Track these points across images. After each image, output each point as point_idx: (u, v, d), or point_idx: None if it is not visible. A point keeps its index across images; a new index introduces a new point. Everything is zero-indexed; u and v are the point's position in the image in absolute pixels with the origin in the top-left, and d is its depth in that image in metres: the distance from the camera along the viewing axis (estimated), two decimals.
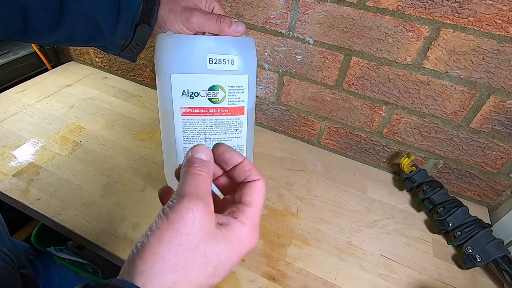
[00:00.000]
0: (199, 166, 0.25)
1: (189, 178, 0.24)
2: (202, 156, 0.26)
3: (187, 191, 0.23)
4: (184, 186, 0.23)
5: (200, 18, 0.40)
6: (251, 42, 0.44)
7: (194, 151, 0.26)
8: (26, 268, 0.56)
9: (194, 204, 0.22)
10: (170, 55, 0.41)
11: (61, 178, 0.66)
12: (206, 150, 0.26)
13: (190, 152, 0.26)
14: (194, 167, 0.25)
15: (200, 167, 0.25)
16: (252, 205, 0.26)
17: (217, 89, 0.43)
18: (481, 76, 0.58)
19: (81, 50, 1.04)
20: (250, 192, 0.26)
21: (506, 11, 0.51)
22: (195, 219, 0.21)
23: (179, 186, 0.23)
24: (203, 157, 0.26)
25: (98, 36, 0.41)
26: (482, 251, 0.57)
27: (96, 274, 0.79)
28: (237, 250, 0.24)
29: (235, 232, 0.24)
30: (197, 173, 0.24)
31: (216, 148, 0.28)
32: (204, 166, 0.25)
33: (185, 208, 0.21)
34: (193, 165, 0.25)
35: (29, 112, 0.83)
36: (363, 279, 0.57)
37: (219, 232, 0.23)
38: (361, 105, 0.73)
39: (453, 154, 0.70)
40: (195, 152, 0.26)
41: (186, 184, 0.23)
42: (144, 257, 0.20)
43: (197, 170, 0.24)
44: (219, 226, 0.23)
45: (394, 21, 0.59)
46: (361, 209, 0.69)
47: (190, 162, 0.25)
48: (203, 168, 0.25)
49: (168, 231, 0.21)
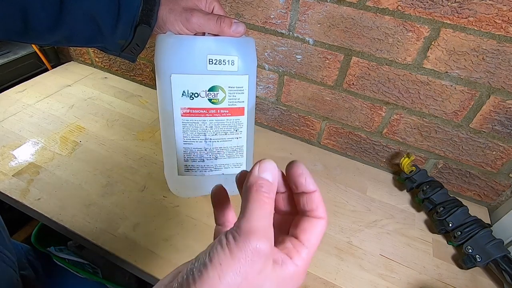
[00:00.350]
0: (266, 191, 0.23)
1: (256, 206, 0.22)
2: (269, 177, 0.24)
3: (255, 226, 0.21)
4: (252, 217, 0.21)
5: (200, 19, 0.40)
6: (251, 43, 0.44)
7: (261, 168, 0.24)
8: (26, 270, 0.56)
9: (262, 244, 0.20)
10: (170, 56, 0.41)
11: (61, 178, 0.66)
12: (274, 168, 0.24)
13: (257, 169, 0.24)
14: (261, 192, 0.23)
15: (268, 193, 0.23)
16: (309, 246, 0.24)
17: (217, 89, 0.43)
18: (481, 76, 0.58)
19: (81, 50, 1.04)
20: (311, 231, 0.25)
21: (506, 11, 0.51)
22: (259, 261, 0.20)
23: (246, 214, 0.22)
24: (270, 178, 0.24)
25: (98, 36, 0.41)
26: (482, 251, 0.57)
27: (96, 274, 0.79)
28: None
29: (288, 274, 0.23)
30: (265, 200, 0.22)
31: (293, 167, 0.27)
32: (271, 191, 0.23)
33: (252, 249, 0.20)
34: (261, 190, 0.23)
35: (29, 112, 0.83)
36: (363, 279, 0.57)
37: (274, 273, 0.22)
38: (361, 105, 0.73)
39: (453, 154, 0.70)
40: (263, 170, 0.24)
41: (254, 216, 0.22)
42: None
43: (265, 196, 0.22)
44: (274, 264, 0.22)
45: (394, 21, 0.59)
46: (361, 209, 0.69)
47: (258, 184, 0.23)
48: (270, 194, 0.23)
49: (229, 269, 0.20)
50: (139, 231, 0.59)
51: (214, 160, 0.48)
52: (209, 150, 0.47)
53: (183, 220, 0.62)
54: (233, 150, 0.48)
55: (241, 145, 0.48)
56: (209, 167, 0.48)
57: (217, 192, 0.30)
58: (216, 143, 0.46)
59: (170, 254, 0.56)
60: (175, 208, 0.64)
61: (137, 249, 0.56)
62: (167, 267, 0.54)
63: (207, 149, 0.47)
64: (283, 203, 0.29)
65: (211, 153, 0.47)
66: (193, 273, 0.20)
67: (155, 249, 0.56)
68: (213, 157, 0.47)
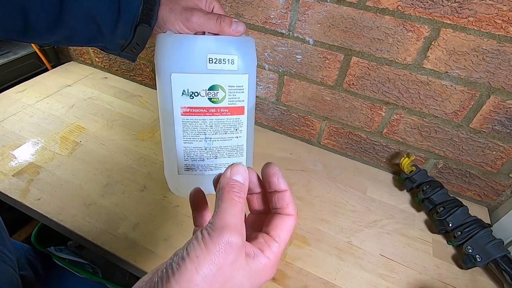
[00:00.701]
0: (238, 192, 0.25)
1: (228, 205, 0.24)
2: (240, 178, 0.26)
3: (228, 222, 0.23)
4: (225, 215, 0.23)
5: (200, 18, 0.40)
6: (251, 42, 0.44)
7: (233, 171, 0.26)
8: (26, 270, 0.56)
9: (234, 238, 0.22)
10: (170, 55, 0.41)
11: (61, 178, 0.66)
12: (244, 171, 0.26)
13: (229, 172, 0.26)
14: (233, 192, 0.25)
15: (239, 193, 0.25)
16: (280, 241, 0.26)
17: (217, 89, 0.43)
18: (481, 76, 0.58)
19: (81, 50, 1.04)
20: (281, 227, 0.27)
21: (506, 11, 0.51)
22: (231, 253, 0.22)
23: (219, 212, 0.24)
24: (241, 180, 0.26)
25: (98, 36, 0.41)
26: (482, 251, 0.57)
27: (96, 274, 0.79)
28: (257, 282, 0.25)
29: (260, 266, 0.25)
30: (236, 200, 0.24)
31: (268, 168, 0.29)
32: (242, 192, 0.25)
33: (224, 242, 0.22)
34: (233, 190, 0.25)
35: (29, 112, 0.83)
36: (363, 279, 0.57)
37: (246, 265, 0.24)
38: (361, 105, 0.73)
39: (453, 154, 0.70)
40: (235, 173, 0.26)
41: (227, 213, 0.24)
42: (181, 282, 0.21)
43: (236, 196, 0.25)
44: (246, 257, 0.24)
45: (394, 21, 0.59)
46: (361, 209, 0.69)
47: (230, 185, 0.25)
48: (241, 194, 0.25)
49: (206, 262, 0.21)
50: (139, 231, 0.59)
51: (214, 160, 0.48)
52: (209, 149, 0.47)
53: (183, 220, 0.62)
54: (233, 149, 0.48)
55: (241, 144, 0.48)
56: (209, 166, 0.48)
57: (195, 194, 0.32)
58: (216, 142, 0.46)
59: (170, 254, 0.55)
60: (175, 208, 0.64)
61: (137, 249, 0.56)
62: None
63: (207, 149, 0.47)
64: (257, 202, 0.31)
65: (211, 152, 0.47)
66: (172, 267, 0.22)
67: (155, 249, 0.56)
68: (213, 157, 0.47)
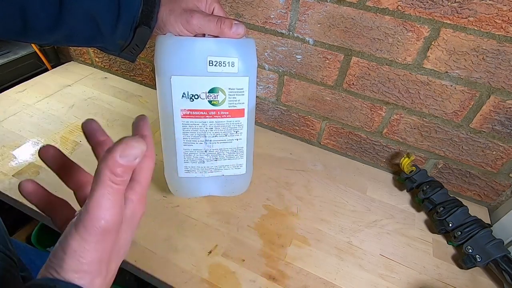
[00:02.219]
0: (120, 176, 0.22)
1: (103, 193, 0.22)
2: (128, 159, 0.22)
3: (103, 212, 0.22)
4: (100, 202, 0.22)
5: (200, 20, 0.40)
6: (252, 44, 0.44)
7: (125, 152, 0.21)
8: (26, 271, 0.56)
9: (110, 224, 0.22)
10: (170, 57, 0.41)
11: None
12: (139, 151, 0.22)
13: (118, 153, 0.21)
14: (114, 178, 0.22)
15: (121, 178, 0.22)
16: (140, 179, 0.27)
17: (217, 91, 0.43)
18: (481, 76, 0.58)
19: (81, 50, 1.04)
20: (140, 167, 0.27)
21: (506, 11, 0.51)
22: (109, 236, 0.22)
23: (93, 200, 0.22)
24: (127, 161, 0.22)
25: (98, 36, 0.41)
26: (482, 251, 0.57)
27: None
28: (133, 225, 0.26)
29: (129, 212, 0.25)
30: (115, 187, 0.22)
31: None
32: (126, 175, 0.22)
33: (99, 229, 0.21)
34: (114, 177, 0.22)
35: (29, 112, 0.83)
36: (363, 279, 0.57)
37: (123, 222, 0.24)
38: (361, 105, 0.73)
39: (453, 154, 0.70)
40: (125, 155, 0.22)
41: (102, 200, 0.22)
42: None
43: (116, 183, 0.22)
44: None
45: (394, 21, 0.59)
46: (361, 209, 0.69)
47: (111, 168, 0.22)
48: (124, 178, 0.22)
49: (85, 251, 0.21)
50: (139, 231, 0.59)
51: (214, 162, 0.48)
52: (209, 151, 0.47)
53: (183, 220, 0.62)
54: (233, 151, 0.48)
55: (241, 146, 0.48)
56: (209, 168, 0.48)
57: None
58: (216, 144, 0.46)
59: (170, 254, 0.56)
60: (175, 208, 0.64)
61: (137, 249, 0.56)
62: (167, 267, 0.54)
63: (207, 151, 0.47)
64: None
65: (211, 154, 0.47)
66: (53, 268, 0.21)
67: (155, 249, 0.56)
68: (213, 159, 0.47)
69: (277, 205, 0.68)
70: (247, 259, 0.57)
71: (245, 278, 0.54)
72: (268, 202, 0.68)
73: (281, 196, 0.70)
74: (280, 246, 0.60)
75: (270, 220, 0.64)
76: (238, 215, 0.64)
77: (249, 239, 0.60)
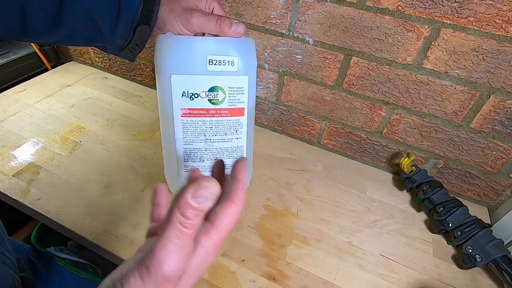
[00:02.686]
0: (190, 220, 0.21)
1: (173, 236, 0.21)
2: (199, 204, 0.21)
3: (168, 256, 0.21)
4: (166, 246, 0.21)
5: (200, 19, 0.40)
6: (251, 43, 0.44)
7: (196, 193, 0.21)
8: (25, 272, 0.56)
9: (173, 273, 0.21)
10: (170, 56, 0.41)
11: (61, 178, 0.66)
12: (212, 195, 0.21)
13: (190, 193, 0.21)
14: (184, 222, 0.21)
15: (191, 222, 0.21)
16: (221, 228, 0.24)
17: (217, 90, 0.43)
18: (481, 76, 0.58)
19: (81, 50, 1.04)
20: (223, 213, 0.24)
21: (506, 11, 0.51)
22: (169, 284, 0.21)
23: (162, 240, 0.21)
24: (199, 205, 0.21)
25: (98, 36, 0.41)
26: (482, 251, 0.57)
27: (96, 274, 0.79)
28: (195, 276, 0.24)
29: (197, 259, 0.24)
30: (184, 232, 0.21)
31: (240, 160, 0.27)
32: (196, 218, 0.21)
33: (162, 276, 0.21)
34: (184, 220, 0.21)
35: (29, 112, 0.83)
36: (363, 279, 0.57)
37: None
38: (361, 105, 0.73)
39: (453, 154, 0.70)
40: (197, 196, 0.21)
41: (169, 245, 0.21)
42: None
43: (186, 227, 0.21)
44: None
45: (394, 21, 0.59)
46: (361, 209, 0.69)
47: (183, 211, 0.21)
48: (194, 222, 0.21)
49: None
50: (139, 231, 0.59)
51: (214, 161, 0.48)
52: (209, 150, 0.47)
53: None
54: (233, 150, 0.48)
55: (241, 145, 0.48)
56: (209, 167, 0.48)
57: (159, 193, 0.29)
58: (216, 143, 0.46)
59: None
60: None
61: (135, 248, 0.56)
62: None
63: (207, 150, 0.47)
64: None
65: (211, 153, 0.47)
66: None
67: None
68: (213, 158, 0.47)
69: (277, 205, 0.68)
70: (247, 259, 0.57)
71: (245, 278, 0.54)
72: (268, 202, 0.68)
73: (281, 196, 0.70)
74: (280, 246, 0.60)
75: (270, 220, 0.64)
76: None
77: (249, 239, 0.60)
